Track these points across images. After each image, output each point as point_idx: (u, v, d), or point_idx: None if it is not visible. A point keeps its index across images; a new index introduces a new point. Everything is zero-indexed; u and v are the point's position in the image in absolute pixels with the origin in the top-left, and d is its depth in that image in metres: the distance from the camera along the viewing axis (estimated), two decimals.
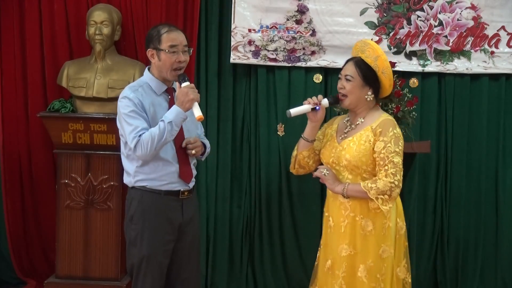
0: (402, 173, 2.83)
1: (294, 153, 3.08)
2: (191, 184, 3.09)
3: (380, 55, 2.86)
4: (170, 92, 3.07)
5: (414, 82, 4.22)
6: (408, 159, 3.88)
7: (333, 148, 2.92)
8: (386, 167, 2.78)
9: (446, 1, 4.23)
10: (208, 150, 3.25)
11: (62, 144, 3.96)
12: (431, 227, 4.37)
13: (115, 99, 3.94)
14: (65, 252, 3.97)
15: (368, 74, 2.85)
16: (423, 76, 4.31)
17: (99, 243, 3.95)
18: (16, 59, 4.31)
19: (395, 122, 2.94)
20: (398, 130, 2.89)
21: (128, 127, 2.93)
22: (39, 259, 4.41)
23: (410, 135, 3.82)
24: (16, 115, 4.34)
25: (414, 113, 3.79)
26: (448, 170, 4.34)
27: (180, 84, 2.93)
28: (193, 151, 3.04)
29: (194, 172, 3.14)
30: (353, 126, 2.93)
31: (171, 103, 3.01)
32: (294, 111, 2.88)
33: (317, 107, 2.86)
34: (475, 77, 4.31)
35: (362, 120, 2.91)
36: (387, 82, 2.89)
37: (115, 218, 3.93)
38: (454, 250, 4.37)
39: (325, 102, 2.88)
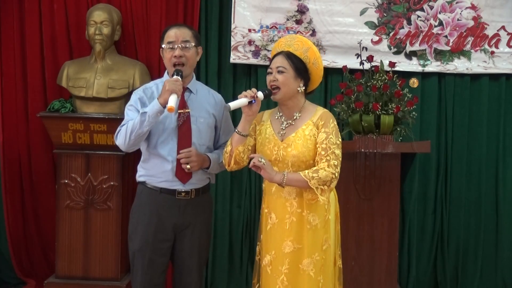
0: (340, 166, 2.85)
1: (228, 149, 2.96)
2: (189, 186, 2.99)
3: (311, 47, 2.93)
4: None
5: (414, 82, 4.21)
6: (408, 159, 3.89)
7: (275, 146, 2.90)
8: (328, 157, 2.79)
9: (446, 1, 4.23)
10: (213, 164, 3.03)
11: (62, 144, 3.96)
12: (431, 227, 4.37)
13: (115, 99, 3.97)
14: (65, 252, 3.97)
15: (299, 66, 2.91)
16: (423, 76, 4.31)
17: (99, 243, 3.95)
18: (16, 59, 4.32)
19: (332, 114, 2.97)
20: (336, 122, 2.93)
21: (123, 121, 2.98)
22: (39, 259, 4.40)
23: (410, 135, 3.82)
24: (16, 115, 4.34)
25: (414, 113, 3.79)
26: (448, 170, 4.34)
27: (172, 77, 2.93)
28: (187, 166, 2.93)
29: (201, 176, 3.03)
30: (290, 121, 2.93)
31: (181, 100, 2.98)
32: (232, 104, 2.88)
33: (254, 100, 2.87)
34: (475, 77, 4.32)
35: (299, 115, 2.93)
36: (317, 73, 2.95)
37: (115, 218, 3.93)
38: (454, 250, 4.37)
39: (260, 95, 2.90)
